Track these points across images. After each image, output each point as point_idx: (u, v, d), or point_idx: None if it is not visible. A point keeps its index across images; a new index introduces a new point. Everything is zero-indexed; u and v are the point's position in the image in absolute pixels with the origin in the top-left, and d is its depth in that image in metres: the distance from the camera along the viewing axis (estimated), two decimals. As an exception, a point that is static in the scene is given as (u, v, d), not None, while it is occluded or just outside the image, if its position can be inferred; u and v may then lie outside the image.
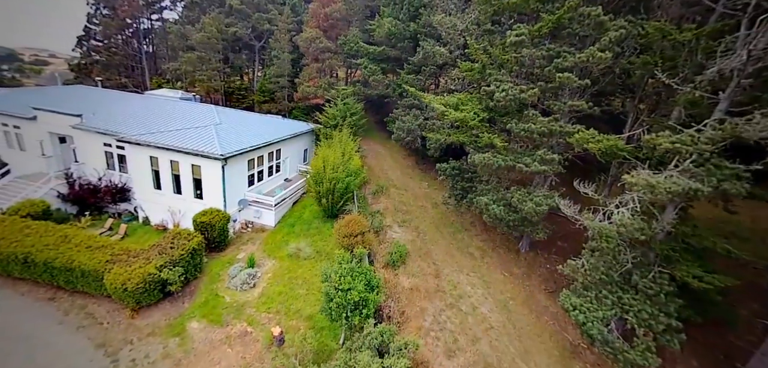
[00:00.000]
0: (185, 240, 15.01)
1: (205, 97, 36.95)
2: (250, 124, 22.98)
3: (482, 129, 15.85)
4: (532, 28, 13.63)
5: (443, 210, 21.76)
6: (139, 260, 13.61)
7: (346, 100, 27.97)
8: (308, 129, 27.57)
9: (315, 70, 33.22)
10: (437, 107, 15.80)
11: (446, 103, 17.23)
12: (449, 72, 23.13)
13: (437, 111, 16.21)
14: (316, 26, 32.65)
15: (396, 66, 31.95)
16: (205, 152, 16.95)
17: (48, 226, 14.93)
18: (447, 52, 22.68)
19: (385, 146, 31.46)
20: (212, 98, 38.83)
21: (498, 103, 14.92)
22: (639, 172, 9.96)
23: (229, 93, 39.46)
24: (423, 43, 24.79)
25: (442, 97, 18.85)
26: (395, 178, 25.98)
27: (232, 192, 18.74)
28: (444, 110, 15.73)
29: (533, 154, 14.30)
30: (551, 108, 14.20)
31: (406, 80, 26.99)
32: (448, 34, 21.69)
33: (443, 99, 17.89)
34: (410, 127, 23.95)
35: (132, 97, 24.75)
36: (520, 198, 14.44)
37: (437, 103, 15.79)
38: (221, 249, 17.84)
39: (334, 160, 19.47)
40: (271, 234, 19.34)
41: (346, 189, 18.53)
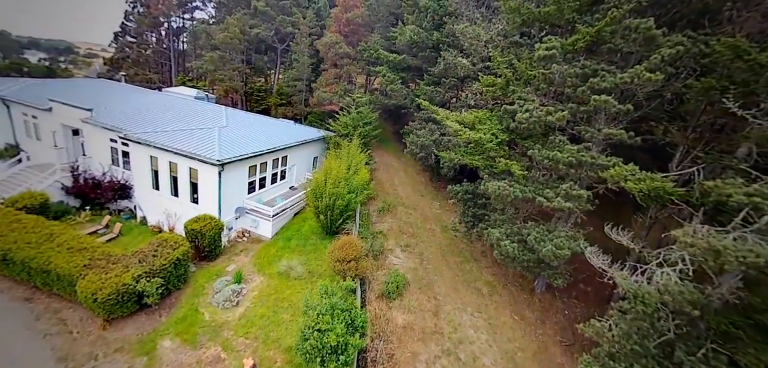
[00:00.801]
0: (170, 249, 14.13)
1: (225, 96, 37.17)
2: (258, 128, 22.22)
3: (500, 152, 13.87)
4: (565, 41, 11.61)
5: (452, 236, 19.76)
6: (117, 267, 12.82)
7: (361, 109, 26.72)
8: (319, 136, 26.56)
9: (333, 75, 32.37)
10: (451, 125, 14.02)
11: (462, 120, 15.42)
12: (470, 85, 21.24)
13: (451, 129, 14.42)
14: (336, 31, 31.85)
15: (416, 76, 30.41)
16: (202, 156, 16.16)
17: (38, 222, 14.59)
18: (469, 64, 20.84)
19: (399, 159, 29.86)
20: (232, 98, 39.07)
21: (520, 125, 12.93)
22: (696, 230, 7.71)
23: (249, 94, 39.58)
24: (444, 54, 23.08)
25: (459, 113, 17.02)
26: (405, 195, 24.27)
27: (229, 200, 17.85)
28: (458, 129, 13.92)
29: (557, 186, 12.15)
30: (582, 134, 12.03)
31: (424, 91, 25.35)
32: (471, 45, 19.87)
33: (459, 116, 16.08)
34: (424, 142, 22.22)
35: (148, 93, 24.88)
36: (537, 236, 12.30)
37: (451, 121, 14.02)
38: (212, 258, 16.92)
39: (338, 173, 18.12)
40: (266, 247, 18.23)
41: (346, 206, 17.09)
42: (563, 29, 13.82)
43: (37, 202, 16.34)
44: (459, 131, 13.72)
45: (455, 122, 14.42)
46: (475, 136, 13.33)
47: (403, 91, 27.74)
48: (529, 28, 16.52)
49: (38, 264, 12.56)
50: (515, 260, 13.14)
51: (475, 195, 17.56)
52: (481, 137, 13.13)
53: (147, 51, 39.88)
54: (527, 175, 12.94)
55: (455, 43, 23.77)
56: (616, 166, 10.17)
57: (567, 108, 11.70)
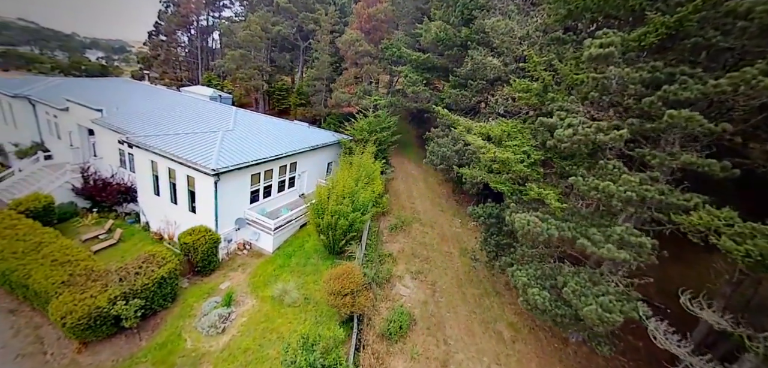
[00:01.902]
0: (155, 267, 13.02)
1: (246, 96, 36.80)
2: (267, 131, 20.93)
3: (532, 175, 11.16)
4: (627, 35, 8.72)
5: (472, 256, 17.16)
6: (96, 285, 11.85)
7: (379, 112, 24.66)
8: (334, 140, 24.87)
9: (352, 75, 30.58)
10: (472, 141, 11.53)
11: (488, 132, 12.82)
12: (501, 89, 18.38)
13: (472, 145, 11.92)
14: (358, 28, 30.00)
15: (442, 76, 27.77)
16: (198, 164, 14.99)
17: (32, 228, 14.17)
18: (500, 65, 17.99)
19: (420, 167, 27.44)
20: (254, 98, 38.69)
21: (560, 143, 10.17)
22: None
23: (270, 93, 39.00)
24: (472, 52, 20.34)
25: (486, 123, 14.39)
26: (422, 210, 21.88)
27: (229, 210, 16.62)
28: (481, 145, 11.39)
29: (608, 226, 9.30)
30: (648, 160, 9.06)
31: (449, 94, 22.75)
32: (503, 42, 17.04)
33: (486, 126, 13.48)
34: (446, 152, 19.68)
35: (164, 94, 24.63)
36: (577, 287, 9.52)
37: (474, 136, 11.53)
38: (207, 273, 15.77)
39: (344, 187, 16.25)
40: (265, 263, 16.79)
41: (350, 226, 15.14)
42: (623, 21, 10.77)
43: (40, 205, 16.10)
44: (482, 148, 11.18)
45: (478, 136, 11.88)
46: (501, 155, 10.75)
47: (426, 93, 25.27)
48: (575, 21, 13.48)
49: (18, 278, 11.92)
50: (546, 313, 10.42)
51: (500, 220, 14.83)
52: (508, 157, 10.53)
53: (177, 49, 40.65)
54: (566, 208, 10.14)
55: (485, 40, 20.93)
56: (701, 208, 7.23)
57: (626, 124, 8.81)
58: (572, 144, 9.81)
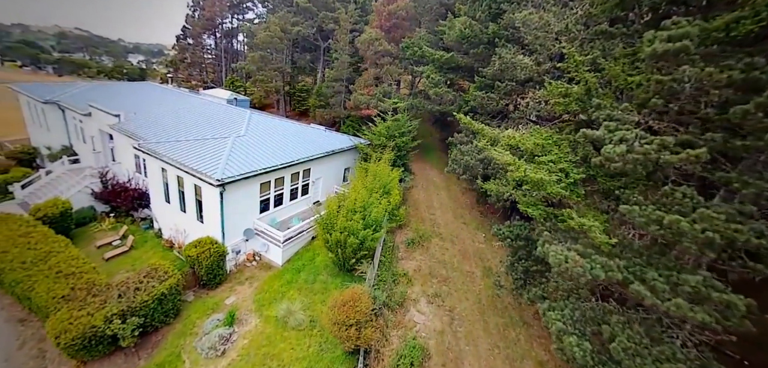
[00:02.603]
0: (156, 282, 12.46)
1: (266, 97, 36.65)
2: (281, 136, 20.15)
3: (571, 198, 9.28)
4: (708, 24, 6.72)
5: (496, 281, 15.33)
6: (95, 301, 11.41)
7: (397, 116, 23.22)
8: (351, 145, 23.75)
9: (372, 76, 29.32)
10: (497, 157, 9.85)
11: (519, 143, 11.02)
12: (534, 92, 16.31)
13: (498, 161, 10.21)
14: (378, 26, 28.68)
15: (466, 77, 25.86)
16: (203, 173, 14.34)
17: (45, 235, 14.14)
18: (532, 64, 15.95)
19: (443, 174, 25.68)
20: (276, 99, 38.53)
21: (609, 162, 8.26)
22: None
23: (291, 94, 38.69)
24: (500, 51, 18.38)
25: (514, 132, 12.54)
26: (443, 223, 20.21)
27: (237, 220, 15.93)
28: (509, 162, 9.67)
29: (675, 271, 7.32)
30: (736, 188, 6.98)
31: (474, 97, 20.86)
32: (536, 38, 15.01)
33: (515, 135, 11.65)
34: (469, 161, 17.91)
35: (182, 97, 24.64)
36: (629, 345, 7.61)
37: (500, 152, 9.83)
38: (213, 286, 15.13)
39: (356, 200, 15.00)
40: (273, 277, 15.94)
41: (361, 244, 13.86)
42: (693, 7, 8.62)
43: (57, 211, 16.20)
44: (510, 165, 9.46)
45: (506, 149, 10.15)
46: (533, 174, 8.98)
47: (450, 95, 23.48)
48: (626, 11, 11.30)
49: (22, 290, 11.75)
50: None
51: (529, 243, 12.93)
52: (542, 178, 8.74)
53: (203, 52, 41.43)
54: (616, 243, 8.20)
55: (515, 36, 18.88)
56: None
57: (705, 141, 6.81)
58: (625, 163, 7.88)
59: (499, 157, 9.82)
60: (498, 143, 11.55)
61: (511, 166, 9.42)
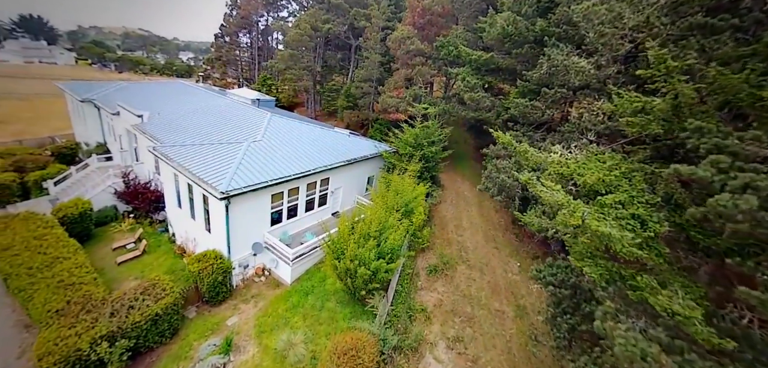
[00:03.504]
0: (152, 300, 11.65)
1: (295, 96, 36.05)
2: (299, 142, 18.93)
3: (650, 258, 6.72)
4: None
5: (532, 332, 12.77)
6: (88, 318, 10.78)
7: (427, 124, 21.06)
8: (375, 153, 22.00)
9: (402, 77, 27.32)
10: (546, 196, 7.49)
11: (575, 171, 8.55)
12: (590, 102, 13.38)
13: (546, 201, 7.83)
14: (411, 23, 26.58)
15: (507, 80, 22.99)
16: (209, 184, 13.37)
17: (59, 239, 14.05)
18: (591, 68, 13.05)
19: (475, 189, 23.10)
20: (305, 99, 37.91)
21: (722, 219, 5.66)
22: None
23: (320, 93, 37.84)
24: (550, 52, 15.58)
25: (566, 155, 9.99)
26: (472, 246, 17.82)
27: (244, 233, 14.89)
28: (562, 201, 7.31)
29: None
30: None
31: (516, 104, 18.16)
32: (600, 35, 12.12)
33: (569, 162, 9.16)
34: (505, 181, 15.38)
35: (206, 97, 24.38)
36: None
37: (546, 190, 7.50)
38: (217, 302, 14.20)
39: (372, 221, 13.20)
40: (279, 298, 14.69)
41: (373, 276, 12.05)
42: None
43: (76, 212, 16.25)
44: (562, 205, 7.10)
45: (555, 182, 7.76)
46: (597, 225, 6.55)
47: (487, 100, 20.85)
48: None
49: (23, 298, 11.45)
50: None
51: (578, 292, 10.30)
52: (609, 234, 6.30)
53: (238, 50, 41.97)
54: (723, 342, 5.58)
55: (569, 34, 15.94)
56: None
57: None
58: (754, 224, 5.25)
59: (547, 197, 7.46)
60: (544, 172, 9.11)
61: (566, 209, 7.05)
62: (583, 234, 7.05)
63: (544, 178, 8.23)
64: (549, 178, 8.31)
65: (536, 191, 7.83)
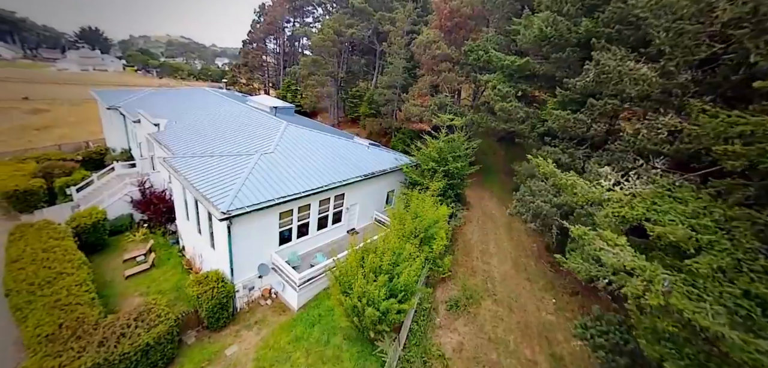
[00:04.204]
0: (144, 329, 10.81)
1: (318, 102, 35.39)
2: (314, 154, 17.78)
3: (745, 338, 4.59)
4: None
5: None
6: (77, 346, 10.09)
7: (452, 137, 19.19)
8: (395, 166, 20.42)
9: (428, 84, 25.62)
10: (605, 257, 5.56)
11: (642, 214, 6.47)
12: (654, 116, 10.96)
13: (609, 262, 5.85)
14: (437, 26, 24.84)
15: (545, 88, 20.59)
16: (211, 202, 12.45)
17: (66, 251, 13.75)
18: (654, 76, 10.68)
19: (505, 207, 20.89)
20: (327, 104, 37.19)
21: None
22: None
23: (344, 99, 36.95)
24: (599, 55, 13.26)
25: (624, 187, 7.88)
26: (499, 276, 15.72)
27: (249, 253, 13.89)
28: (639, 268, 5.33)
29: None
30: None
31: (553, 116, 15.92)
32: (676, 35, 9.77)
33: (630, 195, 7.08)
34: (541, 206, 13.22)
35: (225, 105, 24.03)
36: None
37: (606, 246, 5.57)
38: (218, 327, 13.24)
39: (384, 252, 11.61)
40: (283, 328, 13.48)
41: (383, 316, 10.45)
42: None
43: (89, 222, 16.09)
44: (634, 270, 5.12)
45: (617, 232, 5.78)
46: (692, 311, 4.54)
47: (520, 111, 18.65)
48: None
49: (19, 318, 11.01)
50: None
51: (636, 361, 8.03)
52: (715, 328, 4.28)
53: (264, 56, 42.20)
54: None
55: (623, 35, 13.52)
56: None
57: None
58: None
59: (610, 259, 5.49)
60: (597, 207, 7.08)
61: (642, 276, 5.06)
62: (668, 317, 5.01)
63: (602, 222, 6.24)
64: (607, 223, 6.32)
65: (593, 247, 5.88)
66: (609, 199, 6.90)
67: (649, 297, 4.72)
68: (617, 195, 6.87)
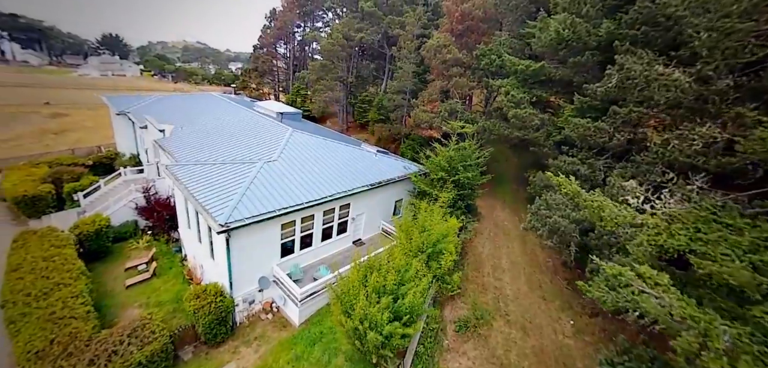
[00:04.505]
0: (136, 347, 10.36)
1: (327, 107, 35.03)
2: (319, 162, 17.22)
3: None
4: None
5: None
6: (68, 363, 9.71)
7: (463, 145, 18.34)
8: (403, 175, 19.67)
9: (438, 89, 24.85)
10: (650, 307, 4.66)
11: (685, 244, 5.56)
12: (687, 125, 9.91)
13: (649, 310, 4.92)
14: (447, 29, 24.08)
15: (562, 94, 19.53)
16: (210, 213, 11.99)
17: (66, 260, 13.53)
18: (689, 81, 9.66)
19: (518, 219, 19.87)
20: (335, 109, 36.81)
21: None
22: None
23: (353, 105, 36.50)
24: (623, 59, 12.26)
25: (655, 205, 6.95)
26: (512, 294, 14.74)
27: (250, 266, 13.39)
28: (695, 317, 4.43)
29: None
30: None
31: (571, 124, 14.93)
32: (723, 34, 8.73)
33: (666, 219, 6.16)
34: (559, 222, 12.24)
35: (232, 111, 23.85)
36: None
37: (648, 288, 4.66)
38: (216, 343, 12.72)
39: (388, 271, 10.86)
40: (283, 345, 12.87)
41: (386, 341, 9.69)
42: None
43: (92, 229, 15.91)
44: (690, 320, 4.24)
45: (655, 267, 4.90)
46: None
47: (535, 118, 17.68)
48: None
49: (12, 332, 10.71)
50: None
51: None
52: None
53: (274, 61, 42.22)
54: None
55: (650, 37, 12.48)
56: None
57: None
58: None
59: (654, 308, 4.60)
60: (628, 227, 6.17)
61: (692, 326, 4.17)
62: None
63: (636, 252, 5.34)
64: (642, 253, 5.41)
65: (631, 289, 4.97)
66: (642, 224, 6.00)
67: (708, 360, 3.81)
68: (653, 221, 5.96)
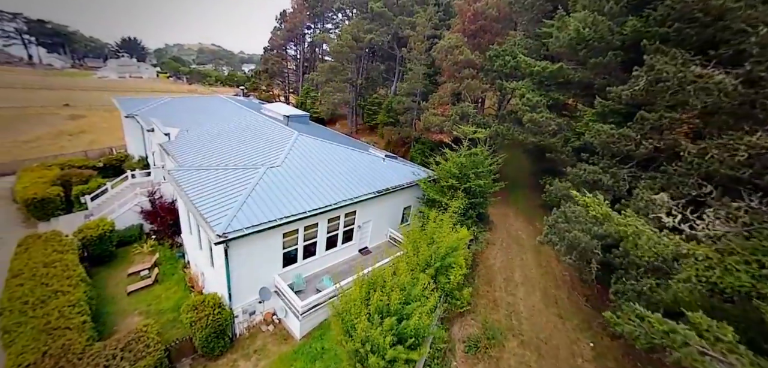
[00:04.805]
0: (129, 363, 9.93)
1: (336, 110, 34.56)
2: (325, 168, 16.66)
3: None
4: None
5: None
6: (58, 379, 9.36)
7: (474, 151, 17.45)
8: (411, 181, 18.90)
9: (449, 91, 24.00)
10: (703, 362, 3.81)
11: (749, 285, 4.64)
12: (733, 133, 8.85)
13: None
14: (459, 30, 23.22)
15: (582, 97, 18.44)
16: (208, 221, 11.54)
17: (66, 266, 13.31)
18: (735, 84, 8.61)
19: (533, 228, 18.86)
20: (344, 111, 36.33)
21: None
22: None
23: (362, 107, 35.96)
24: (653, 59, 11.22)
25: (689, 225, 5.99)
26: (526, 311, 13.79)
27: (250, 275, 12.89)
28: None
29: None
30: None
31: (591, 129, 13.90)
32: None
33: (710, 247, 5.23)
34: (578, 237, 11.26)
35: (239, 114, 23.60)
36: None
37: (705, 336, 3.81)
38: (214, 356, 12.25)
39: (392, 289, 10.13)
40: (283, 360, 12.30)
41: (389, 365, 8.95)
42: None
43: (95, 234, 15.75)
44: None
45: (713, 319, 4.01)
46: None
47: (552, 124, 16.66)
48: None
49: (5, 342, 10.45)
50: None
51: None
52: None
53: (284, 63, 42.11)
54: None
55: (684, 35, 11.38)
56: None
57: None
58: None
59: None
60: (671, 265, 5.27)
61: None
62: None
63: (681, 291, 4.46)
64: (688, 291, 4.53)
65: (696, 358, 4.06)
66: (688, 254, 5.09)
67: None
68: (701, 251, 5.06)
